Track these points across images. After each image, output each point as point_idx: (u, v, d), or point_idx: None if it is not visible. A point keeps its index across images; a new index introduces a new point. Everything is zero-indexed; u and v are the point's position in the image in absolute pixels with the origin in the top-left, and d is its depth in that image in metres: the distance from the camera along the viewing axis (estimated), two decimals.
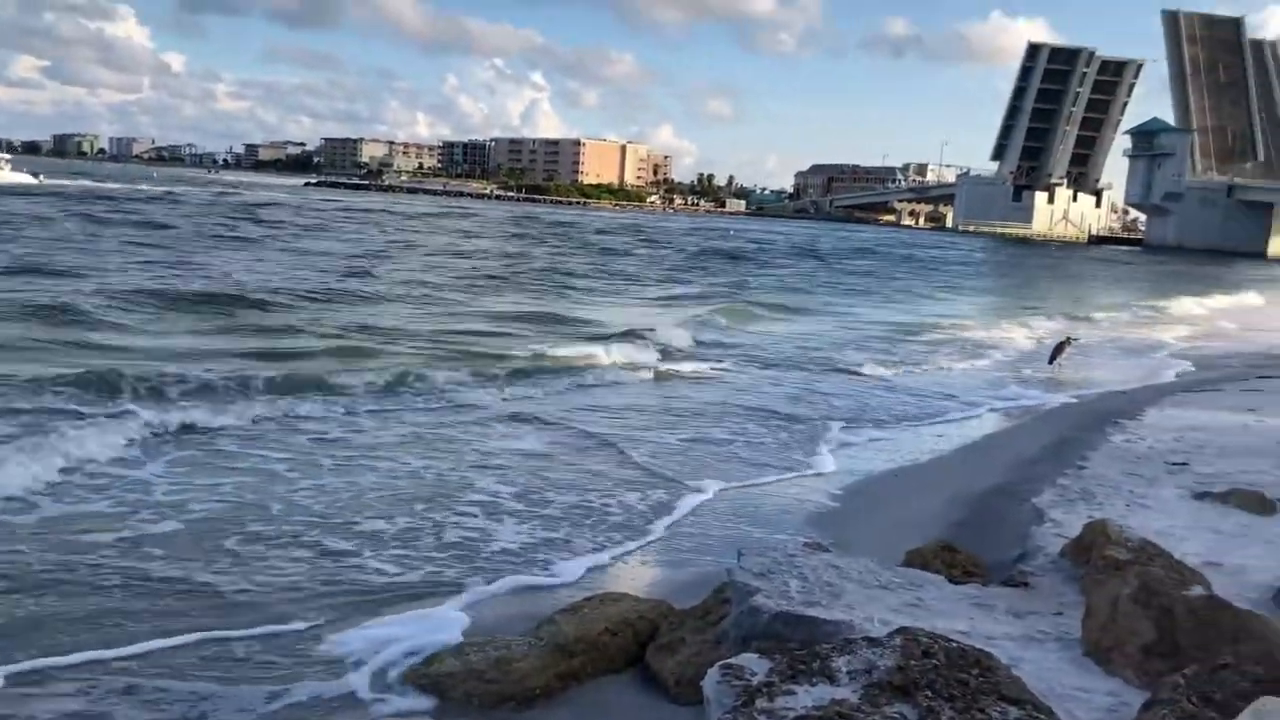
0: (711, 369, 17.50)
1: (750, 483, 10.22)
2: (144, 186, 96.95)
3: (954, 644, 4.16)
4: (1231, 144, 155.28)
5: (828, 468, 11.01)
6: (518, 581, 7.18)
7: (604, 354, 17.38)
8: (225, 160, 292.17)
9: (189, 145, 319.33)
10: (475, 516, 8.52)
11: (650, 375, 16.44)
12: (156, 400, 11.71)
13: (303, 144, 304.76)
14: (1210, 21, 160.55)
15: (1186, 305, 40.21)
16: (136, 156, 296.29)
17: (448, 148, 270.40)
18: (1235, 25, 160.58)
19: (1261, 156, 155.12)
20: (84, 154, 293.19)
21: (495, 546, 7.85)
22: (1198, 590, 5.01)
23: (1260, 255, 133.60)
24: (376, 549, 7.62)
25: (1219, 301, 43.36)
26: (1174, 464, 10.24)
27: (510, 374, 15.18)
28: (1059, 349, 19.65)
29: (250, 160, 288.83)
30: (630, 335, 19.53)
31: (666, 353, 18.57)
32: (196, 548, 7.41)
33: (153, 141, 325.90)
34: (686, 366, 17.51)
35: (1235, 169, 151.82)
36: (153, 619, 6.21)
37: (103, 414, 10.77)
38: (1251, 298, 47.19)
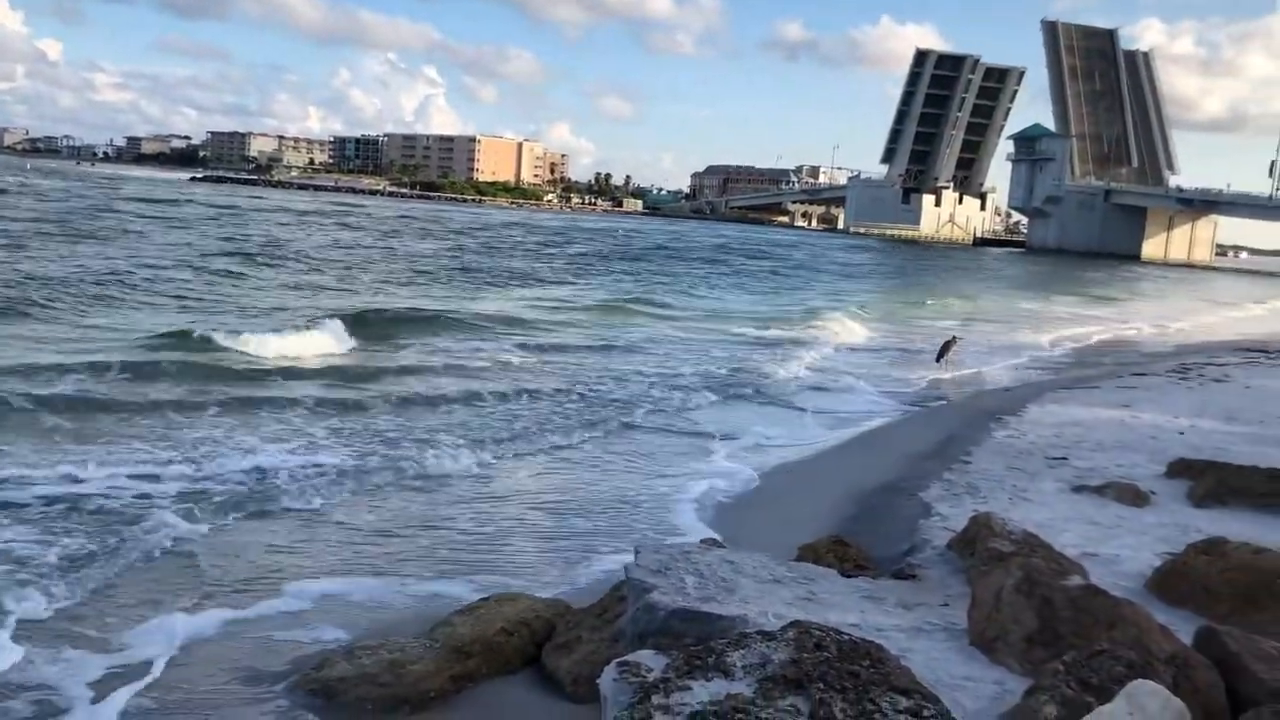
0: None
1: None
2: None
3: (845, 636, 4.23)
4: (1107, 150, 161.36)
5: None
6: None
7: None
8: (105, 153, 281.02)
9: (66, 137, 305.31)
10: None
11: None
12: None
13: (188, 137, 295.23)
14: (1087, 33, 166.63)
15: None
16: (9, 147, 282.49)
17: (339, 143, 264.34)
18: (1110, 37, 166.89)
19: (1135, 162, 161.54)
20: None
21: None
22: (1076, 580, 5.19)
23: (1135, 257, 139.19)
24: None
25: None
26: (1054, 458, 10.59)
27: None
28: (946, 347, 20.16)
29: (132, 153, 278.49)
30: None
31: None
32: None
33: (26, 132, 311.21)
34: None
35: (1111, 174, 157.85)
36: None
37: None
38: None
